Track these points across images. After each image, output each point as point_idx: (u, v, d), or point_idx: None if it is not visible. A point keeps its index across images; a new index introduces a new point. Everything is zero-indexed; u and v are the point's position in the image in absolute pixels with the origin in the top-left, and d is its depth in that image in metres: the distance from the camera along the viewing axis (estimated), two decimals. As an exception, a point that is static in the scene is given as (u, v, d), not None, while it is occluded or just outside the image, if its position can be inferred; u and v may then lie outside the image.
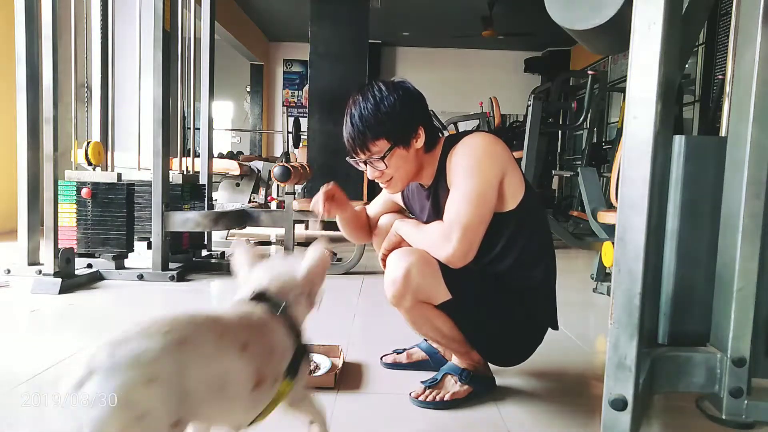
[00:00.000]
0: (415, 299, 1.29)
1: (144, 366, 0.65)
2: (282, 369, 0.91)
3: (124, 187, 2.88)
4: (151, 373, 0.66)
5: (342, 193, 1.50)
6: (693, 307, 1.01)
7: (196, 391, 0.71)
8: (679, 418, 1.40)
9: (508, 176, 1.31)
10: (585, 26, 0.88)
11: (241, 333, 0.83)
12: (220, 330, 0.79)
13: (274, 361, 0.88)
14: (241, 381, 0.80)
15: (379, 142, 1.33)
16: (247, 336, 0.83)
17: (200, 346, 0.74)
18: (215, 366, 0.75)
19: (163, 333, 0.70)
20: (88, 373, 0.64)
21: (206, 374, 0.73)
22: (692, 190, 0.99)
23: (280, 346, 0.91)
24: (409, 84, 1.38)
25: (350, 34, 5.51)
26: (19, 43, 2.78)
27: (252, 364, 0.81)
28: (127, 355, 0.65)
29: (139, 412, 0.64)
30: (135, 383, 0.64)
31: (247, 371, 0.81)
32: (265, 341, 0.87)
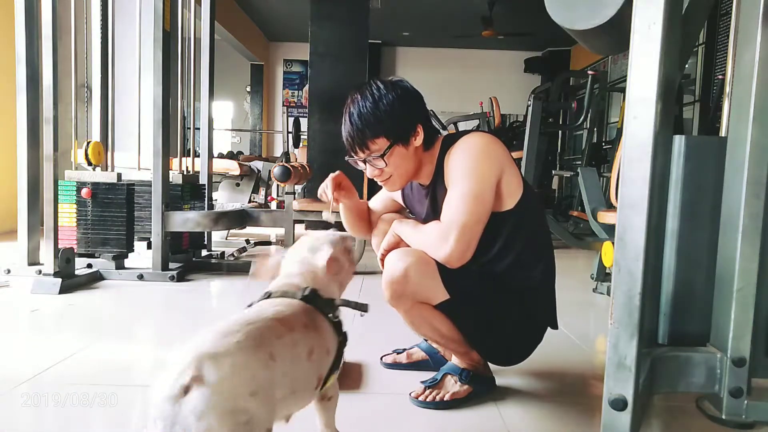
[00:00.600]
0: (414, 300, 1.29)
1: (247, 380, 0.73)
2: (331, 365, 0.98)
3: (124, 187, 2.88)
4: (254, 385, 0.73)
5: (349, 181, 1.49)
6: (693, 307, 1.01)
7: (279, 400, 0.80)
8: (679, 418, 1.40)
9: (506, 176, 1.31)
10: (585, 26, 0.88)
11: (307, 340, 0.89)
12: (294, 341, 0.86)
13: (328, 359, 0.96)
14: (309, 383, 0.90)
15: (379, 141, 1.33)
16: (312, 342, 0.90)
17: (284, 361, 0.81)
18: (293, 375, 0.84)
19: (256, 347, 0.77)
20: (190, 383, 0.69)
21: (287, 383, 0.82)
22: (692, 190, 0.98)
23: (333, 347, 0.98)
24: (407, 83, 1.39)
25: (350, 34, 5.51)
26: (19, 43, 2.79)
27: (316, 368, 0.91)
28: (232, 368, 0.72)
29: (243, 420, 0.71)
30: (241, 395, 0.72)
31: (313, 375, 0.90)
32: (323, 344, 0.94)
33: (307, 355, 0.88)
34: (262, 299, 0.98)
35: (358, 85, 1.37)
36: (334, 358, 0.98)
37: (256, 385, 0.74)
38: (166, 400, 0.69)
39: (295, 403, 0.89)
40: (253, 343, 0.77)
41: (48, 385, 1.45)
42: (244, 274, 3.18)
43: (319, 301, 0.98)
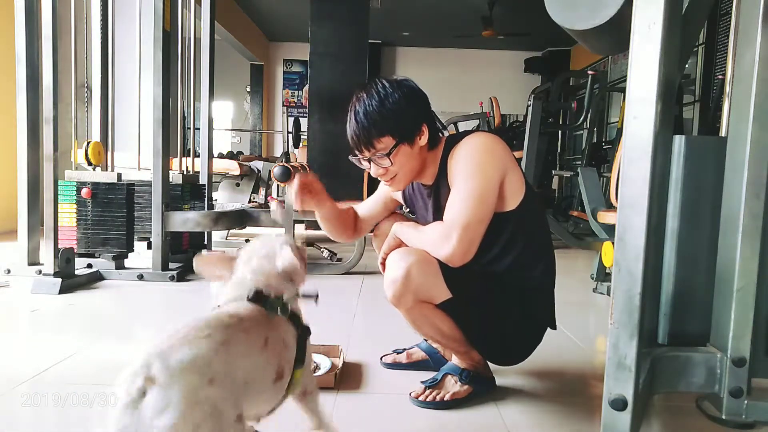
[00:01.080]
0: (416, 299, 1.29)
1: (201, 369, 0.71)
2: (293, 359, 0.96)
3: (124, 187, 2.88)
4: (210, 373, 0.72)
5: (319, 186, 1.45)
6: (693, 307, 1.01)
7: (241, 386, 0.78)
8: (679, 418, 1.40)
9: (509, 176, 1.31)
10: (585, 26, 0.88)
11: (260, 330, 0.88)
12: (245, 328, 0.85)
13: (288, 353, 0.95)
14: (267, 374, 0.87)
15: (384, 139, 1.33)
16: (265, 333, 0.89)
17: (237, 345, 0.80)
18: (250, 362, 0.82)
19: (206, 337, 0.76)
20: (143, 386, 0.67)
21: (245, 370, 0.80)
22: (692, 190, 0.99)
23: (290, 339, 0.97)
24: (412, 82, 1.38)
25: (350, 34, 5.51)
26: (19, 43, 2.79)
27: (273, 358, 0.89)
28: (182, 361, 0.70)
29: (208, 409, 0.69)
30: (198, 385, 0.70)
31: (270, 365, 0.88)
32: (278, 336, 0.93)
33: (262, 343, 0.86)
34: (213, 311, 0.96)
35: (364, 84, 1.36)
36: (296, 351, 0.98)
37: (212, 372, 0.72)
38: (124, 410, 0.67)
39: (257, 396, 0.86)
40: (201, 334, 0.76)
41: (48, 385, 1.45)
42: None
43: (265, 300, 0.97)
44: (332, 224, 1.56)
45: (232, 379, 0.75)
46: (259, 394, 0.86)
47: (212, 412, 0.69)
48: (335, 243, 4.49)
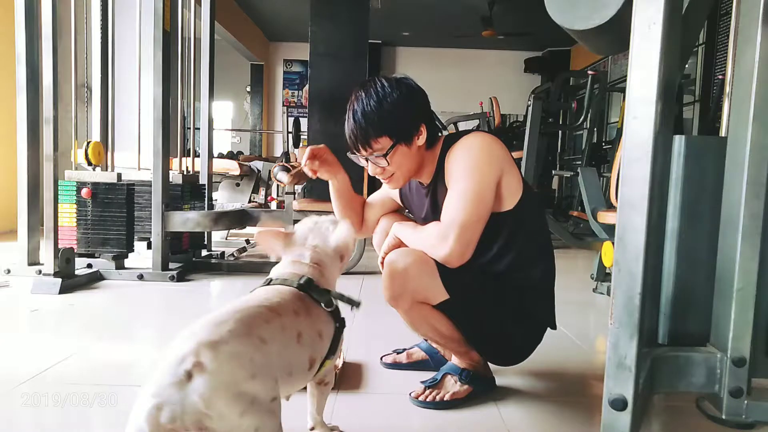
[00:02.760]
0: (413, 299, 1.29)
1: (247, 364, 0.78)
2: (326, 350, 1.03)
3: (124, 187, 2.88)
4: (252, 369, 0.79)
5: (333, 157, 1.46)
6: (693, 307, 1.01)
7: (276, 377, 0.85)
8: (679, 418, 1.40)
9: (506, 176, 1.31)
10: (585, 26, 0.88)
11: (296, 325, 0.95)
12: (281, 324, 0.91)
13: (322, 344, 1.02)
14: (300, 365, 0.95)
15: (382, 140, 1.32)
16: (300, 327, 0.95)
17: (275, 343, 0.87)
18: (286, 357, 0.90)
19: (248, 333, 0.83)
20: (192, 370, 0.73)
21: (282, 364, 0.88)
22: (692, 190, 0.98)
23: (327, 331, 1.04)
24: (411, 80, 1.38)
25: (350, 34, 5.51)
26: (19, 43, 2.79)
27: (306, 351, 0.96)
28: (230, 354, 0.77)
29: (249, 400, 0.76)
30: (243, 379, 0.77)
31: (304, 357, 0.95)
32: (314, 329, 0.99)
33: (296, 338, 0.93)
34: (263, 285, 1.04)
35: (363, 82, 1.36)
36: (330, 343, 1.04)
37: (254, 368, 0.79)
38: (171, 386, 0.72)
39: (291, 383, 0.94)
40: (245, 330, 0.82)
41: (48, 385, 1.45)
42: (244, 274, 3.18)
43: (313, 290, 1.04)
44: (345, 200, 1.57)
45: (270, 373, 0.83)
46: (294, 381, 0.94)
47: (251, 403, 0.76)
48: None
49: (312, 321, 1.00)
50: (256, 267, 3.35)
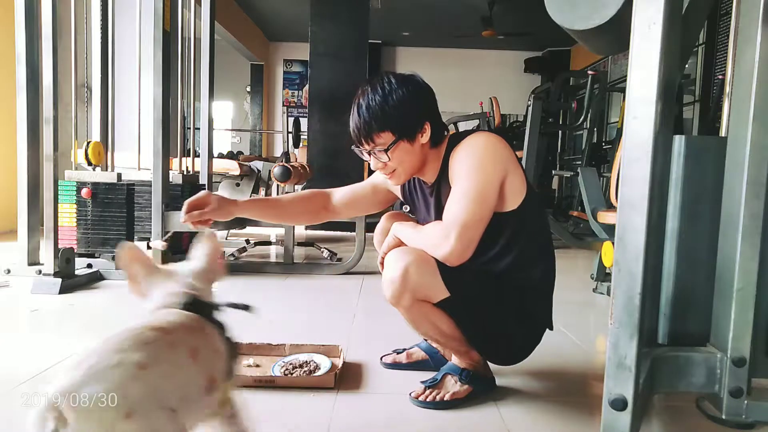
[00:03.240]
0: (414, 298, 1.29)
1: (119, 403, 0.66)
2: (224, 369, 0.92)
3: (124, 187, 2.88)
4: (126, 406, 0.66)
5: (216, 201, 1.41)
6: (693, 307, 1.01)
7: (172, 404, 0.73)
8: (679, 418, 1.40)
9: (510, 176, 1.31)
10: (585, 26, 0.88)
11: (189, 340, 0.84)
12: (170, 341, 0.80)
13: (220, 361, 0.90)
14: (198, 386, 0.82)
15: (384, 134, 1.33)
16: (195, 342, 0.85)
17: (160, 365, 0.75)
18: (178, 379, 0.77)
19: (117, 365, 0.70)
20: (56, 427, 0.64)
21: (173, 389, 0.75)
22: (692, 190, 0.99)
23: (221, 348, 0.92)
24: (420, 78, 1.38)
25: (350, 34, 5.51)
26: (19, 43, 2.78)
27: (205, 369, 0.84)
28: (92, 397, 0.65)
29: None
30: (114, 422, 0.65)
31: (201, 376, 0.83)
32: (210, 344, 0.89)
33: (190, 355, 0.82)
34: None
35: (371, 78, 1.37)
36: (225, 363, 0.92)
37: (129, 404, 0.67)
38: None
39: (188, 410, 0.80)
40: (109, 361, 0.71)
41: (48, 385, 1.44)
42: (244, 274, 3.18)
43: (200, 306, 0.93)
44: (268, 217, 1.57)
45: (154, 403, 0.70)
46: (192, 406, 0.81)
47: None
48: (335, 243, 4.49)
49: (207, 336, 0.89)
50: (256, 267, 3.35)
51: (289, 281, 3.05)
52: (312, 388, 1.47)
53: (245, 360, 1.67)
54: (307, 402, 1.40)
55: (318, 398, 1.42)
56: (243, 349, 1.74)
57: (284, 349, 1.73)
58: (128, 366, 0.70)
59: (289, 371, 1.55)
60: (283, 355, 1.69)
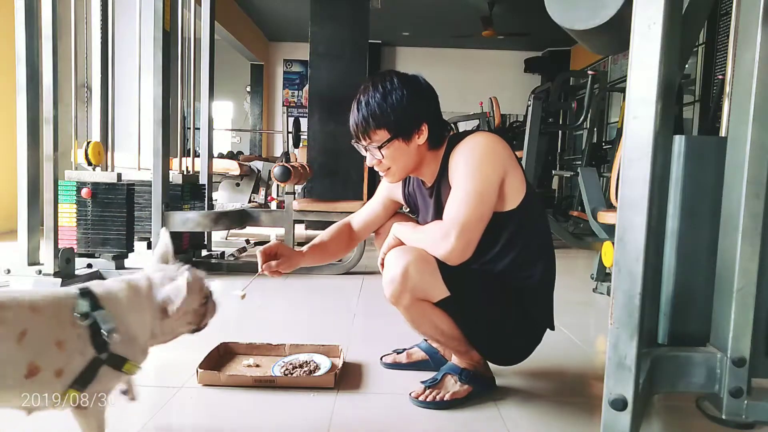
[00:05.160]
0: (414, 297, 1.29)
1: None
2: (73, 369, 0.91)
3: (124, 187, 2.88)
4: None
5: (287, 252, 1.48)
6: (693, 307, 1.01)
7: None
8: (679, 418, 1.40)
9: (510, 176, 1.32)
10: (585, 26, 0.88)
11: (24, 321, 0.86)
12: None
13: (59, 357, 0.90)
14: (15, 367, 0.85)
15: (380, 132, 1.34)
16: (31, 325, 0.87)
17: None
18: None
19: None
20: None
21: None
22: (692, 190, 0.99)
23: (72, 346, 0.91)
24: (422, 79, 1.39)
25: (350, 34, 5.51)
26: (19, 43, 2.78)
27: (28, 354, 0.86)
28: None
29: None
30: None
31: (21, 359, 0.85)
32: (50, 334, 0.89)
33: (16, 335, 0.85)
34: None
35: (374, 75, 1.39)
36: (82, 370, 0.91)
37: None
38: None
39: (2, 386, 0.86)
40: None
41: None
42: (244, 274, 3.18)
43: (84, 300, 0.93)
44: (321, 262, 1.61)
45: None
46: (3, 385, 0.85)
47: None
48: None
49: (54, 326, 0.90)
50: (256, 267, 3.35)
51: (289, 281, 3.05)
52: (312, 388, 1.47)
53: (245, 360, 1.67)
54: (307, 402, 1.40)
55: (318, 398, 1.42)
56: (243, 349, 1.74)
57: (284, 349, 1.73)
58: None
59: (289, 371, 1.55)
60: (283, 355, 1.69)
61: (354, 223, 1.66)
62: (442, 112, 1.44)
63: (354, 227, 1.66)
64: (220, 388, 1.47)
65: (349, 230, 1.65)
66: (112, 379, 0.97)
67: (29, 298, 0.89)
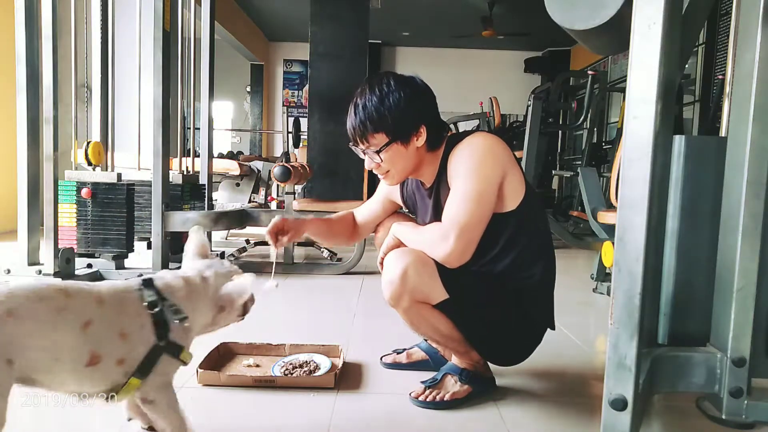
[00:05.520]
0: (413, 299, 1.29)
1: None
2: (135, 359, 0.95)
3: (124, 187, 2.88)
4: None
5: (292, 223, 1.48)
6: (693, 307, 1.01)
7: (27, 359, 0.81)
8: (679, 418, 1.40)
9: (509, 177, 1.31)
10: (585, 26, 0.88)
11: (88, 311, 0.89)
12: (60, 305, 0.86)
13: (121, 346, 0.93)
14: (74, 356, 0.87)
15: (378, 136, 1.34)
16: (95, 316, 0.90)
17: (30, 320, 0.82)
18: (46, 339, 0.84)
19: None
20: None
21: (35, 346, 0.82)
22: (692, 190, 0.98)
23: (136, 337, 0.95)
24: (419, 80, 1.38)
25: (350, 34, 5.51)
26: (19, 43, 2.78)
27: (91, 342, 0.89)
28: None
29: None
30: None
31: (83, 348, 0.88)
32: (115, 325, 0.93)
33: (81, 324, 0.87)
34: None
35: (370, 77, 1.37)
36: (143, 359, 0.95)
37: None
38: None
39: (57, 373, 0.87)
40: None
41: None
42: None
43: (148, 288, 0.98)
44: (324, 237, 1.63)
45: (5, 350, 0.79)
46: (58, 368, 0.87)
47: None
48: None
49: (119, 318, 0.93)
50: (256, 267, 3.35)
51: (289, 281, 3.05)
52: (312, 388, 1.47)
53: (245, 360, 1.67)
54: (307, 402, 1.40)
55: (318, 398, 1.42)
56: (243, 349, 1.74)
57: (284, 349, 1.73)
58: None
59: (289, 371, 1.55)
60: (283, 355, 1.69)
61: (357, 217, 1.68)
62: (442, 112, 1.43)
63: (357, 221, 1.67)
64: (220, 388, 1.47)
65: (353, 220, 1.67)
66: (170, 366, 1.01)
67: (96, 290, 0.93)
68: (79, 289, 0.91)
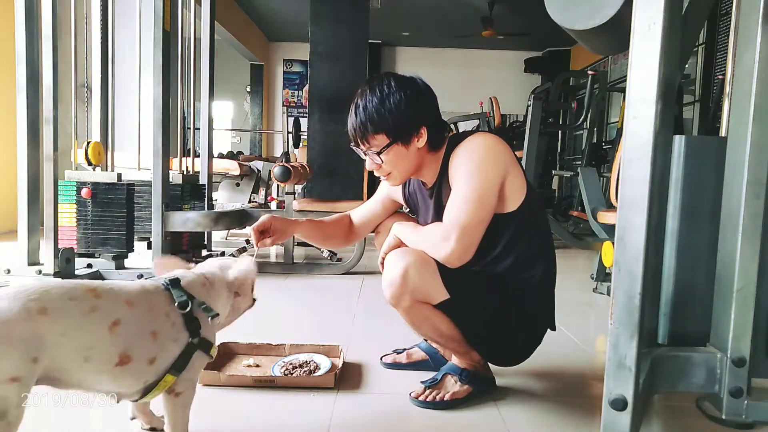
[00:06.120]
0: (413, 299, 1.29)
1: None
2: (167, 357, 0.96)
3: (124, 187, 2.88)
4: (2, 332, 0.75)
5: (280, 224, 1.46)
6: (693, 307, 1.01)
7: (55, 358, 0.81)
8: (679, 418, 1.40)
9: (510, 178, 1.31)
10: (585, 26, 0.88)
11: (117, 311, 0.89)
12: (90, 305, 0.86)
13: (152, 345, 0.94)
14: (104, 355, 0.87)
15: (379, 137, 1.34)
16: (123, 315, 0.90)
17: (62, 319, 0.82)
18: (76, 339, 0.84)
19: (27, 299, 0.79)
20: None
21: (66, 345, 0.82)
22: (692, 190, 0.99)
23: (167, 336, 0.96)
24: (421, 81, 1.38)
25: (350, 34, 5.50)
26: (19, 43, 2.78)
27: (119, 343, 0.89)
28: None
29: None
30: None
31: (113, 348, 0.88)
32: (144, 325, 0.94)
33: (109, 324, 0.87)
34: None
35: (371, 78, 1.37)
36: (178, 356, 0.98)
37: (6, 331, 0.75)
38: None
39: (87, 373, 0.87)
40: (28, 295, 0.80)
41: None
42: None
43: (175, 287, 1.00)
44: (316, 240, 1.62)
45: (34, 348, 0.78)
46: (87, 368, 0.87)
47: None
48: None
49: (148, 318, 0.94)
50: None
51: (289, 281, 3.05)
52: (312, 388, 1.47)
53: (245, 360, 1.67)
54: (307, 402, 1.40)
55: (318, 398, 1.42)
56: (243, 349, 1.74)
57: (284, 349, 1.73)
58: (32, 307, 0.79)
59: (289, 371, 1.55)
60: (283, 355, 1.69)
61: (354, 218, 1.66)
62: (442, 112, 1.43)
63: (354, 222, 1.66)
64: (220, 388, 1.47)
65: (349, 222, 1.66)
66: (201, 362, 1.04)
67: (126, 291, 0.94)
68: (108, 289, 0.92)
